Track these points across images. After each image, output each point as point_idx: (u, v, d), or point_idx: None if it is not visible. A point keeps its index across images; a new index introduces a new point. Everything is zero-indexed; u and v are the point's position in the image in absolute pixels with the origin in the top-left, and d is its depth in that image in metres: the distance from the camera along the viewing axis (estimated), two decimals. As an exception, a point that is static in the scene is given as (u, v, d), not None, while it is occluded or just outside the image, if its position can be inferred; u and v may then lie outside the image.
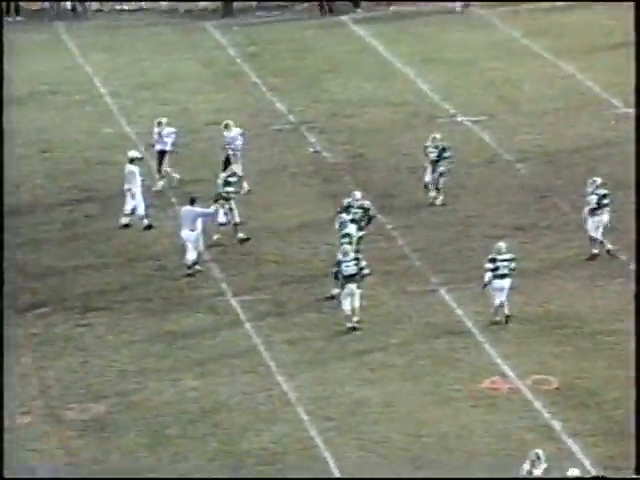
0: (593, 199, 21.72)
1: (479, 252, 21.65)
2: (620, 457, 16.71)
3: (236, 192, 23.08)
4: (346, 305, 20.00)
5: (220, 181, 23.00)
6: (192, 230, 21.81)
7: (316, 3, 36.08)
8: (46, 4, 35.78)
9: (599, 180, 21.91)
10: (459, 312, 20.76)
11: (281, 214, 23.99)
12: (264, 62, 32.45)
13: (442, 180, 24.10)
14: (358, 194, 22.22)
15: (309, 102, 29.82)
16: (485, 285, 20.10)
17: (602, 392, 18.24)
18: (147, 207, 23.50)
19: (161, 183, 24.74)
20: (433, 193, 24.10)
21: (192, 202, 22.07)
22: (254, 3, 36.62)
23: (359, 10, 36.07)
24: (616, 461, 16.69)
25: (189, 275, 21.78)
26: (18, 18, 35.00)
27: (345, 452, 17.23)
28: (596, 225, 21.69)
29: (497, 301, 20.20)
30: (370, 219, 22.13)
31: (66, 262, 22.47)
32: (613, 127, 27.48)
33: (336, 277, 20.10)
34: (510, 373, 18.99)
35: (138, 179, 23.40)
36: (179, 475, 16.78)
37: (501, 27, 34.69)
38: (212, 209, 22.12)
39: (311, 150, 27.25)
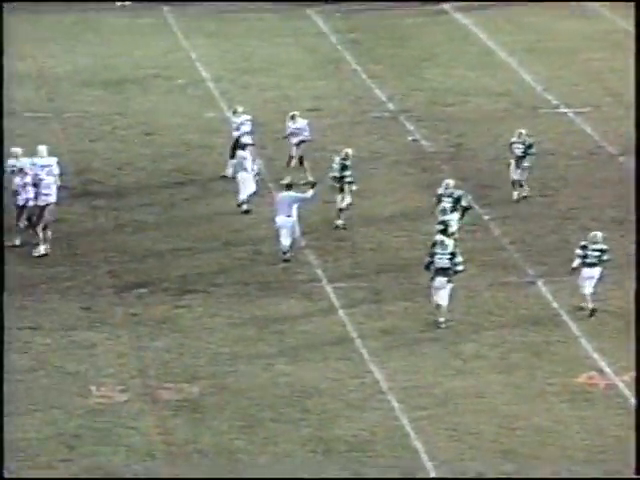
0: None
1: (578, 245, 21.31)
2: None
3: (352, 176, 22.87)
4: (435, 298, 19.77)
5: (336, 165, 22.89)
6: (288, 216, 21.84)
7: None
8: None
9: None
10: (556, 305, 20.48)
11: (378, 202, 23.91)
12: (365, 49, 32.36)
13: (525, 175, 23.66)
14: (451, 182, 22.00)
15: (409, 90, 29.67)
16: (573, 269, 19.88)
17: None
18: (253, 194, 23.46)
19: (230, 170, 24.56)
20: (516, 192, 23.73)
21: (288, 188, 22.09)
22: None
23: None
24: None
25: (285, 261, 21.82)
26: (127, 3, 35.39)
27: (436, 442, 17.12)
28: None
29: (585, 290, 19.93)
30: (464, 210, 21.87)
31: (165, 244, 22.68)
32: None
33: (427, 268, 19.92)
34: (607, 369, 18.68)
35: (249, 165, 23.33)
36: (271, 458, 16.84)
37: (609, 17, 34.10)
38: (309, 194, 22.10)
39: (410, 139, 27.09)
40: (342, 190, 22.86)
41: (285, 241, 21.86)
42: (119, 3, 34.91)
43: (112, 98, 29.21)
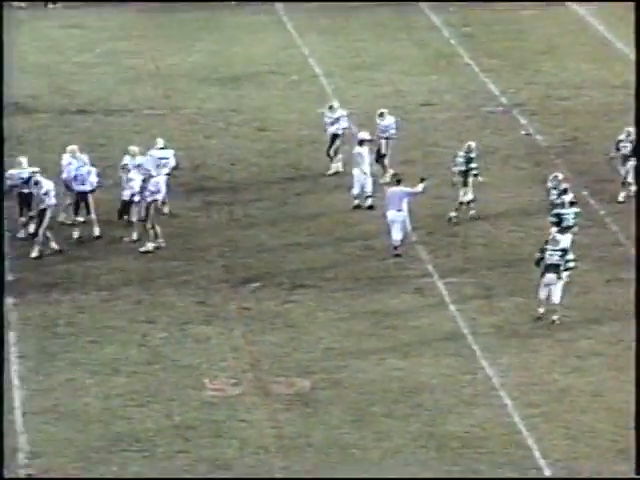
0: None
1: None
2: None
3: (478, 168, 22.65)
4: (541, 294, 19.52)
5: (460, 159, 22.70)
6: (399, 210, 21.75)
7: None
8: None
9: None
10: (673, 302, 20.01)
11: (491, 197, 23.65)
12: (478, 43, 32.05)
13: (631, 175, 23.14)
14: (560, 175, 21.63)
15: (522, 84, 29.30)
16: None
17: None
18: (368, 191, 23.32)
19: (334, 165, 24.55)
20: (623, 192, 23.15)
21: (398, 182, 22.00)
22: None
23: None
24: None
25: (396, 256, 21.74)
26: (243, 1, 35.65)
27: (551, 440, 16.88)
28: None
29: None
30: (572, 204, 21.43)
31: (277, 239, 22.79)
32: None
33: (537, 264, 19.64)
34: None
35: (367, 161, 23.29)
36: (383, 453, 16.78)
37: None
38: (420, 188, 21.94)
39: (523, 133, 26.76)
40: (466, 184, 22.63)
41: (396, 236, 21.77)
42: (234, 2, 35.17)
43: (227, 94, 29.45)
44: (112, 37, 32.40)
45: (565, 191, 21.60)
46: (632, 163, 23.30)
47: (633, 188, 23.42)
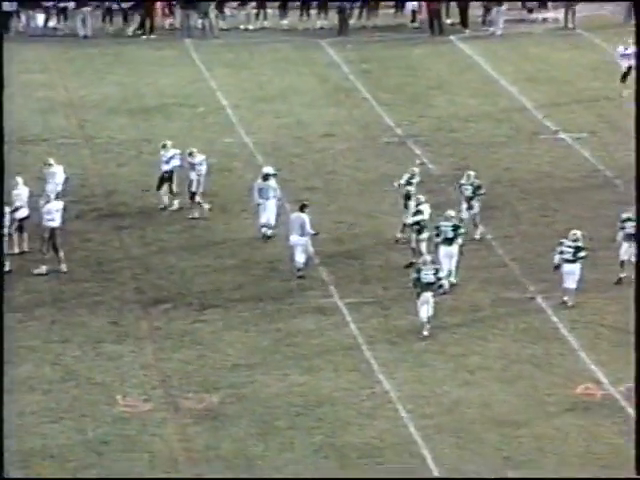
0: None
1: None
2: None
3: (415, 192, 22.71)
4: (422, 313, 19.76)
5: (403, 182, 22.80)
6: (301, 235, 21.81)
7: (427, 24, 35.88)
8: (177, 23, 36.23)
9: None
10: (555, 319, 20.39)
11: (386, 221, 23.85)
12: (375, 79, 32.36)
13: (478, 217, 22.78)
14: (472, 173, 22.40)
15: (416, 117, 29.65)
16: (556, 267, 20.30)
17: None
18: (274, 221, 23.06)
19: (166, 198, 24.33)
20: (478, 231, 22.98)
21: (302, 209, 22.05)
22: (369, 23, 36.53)
23: (467, 31, 35.74)
24: None
25: (300, 277, 21.78)
26: (152, 36, 35.51)
27: (443, 449, 17.03)
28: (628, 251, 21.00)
29: (565, 284, 20.25)
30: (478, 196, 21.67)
31: (187, 262, 22.67)
32: None
33: (414, 284, 19.89)
34: (604, 380, 18.57)
35: (271, 194, 23.05)
36: (286, 464, 16.77)
37: (604, 48, 34.06)
38: (312, 231, 21.77)
39: (417, 162, 27.08)
40: (406, 207, 22.57)
41: (299, 258, 21.82)
42: (145, 37, 34.98)
43: (138, 125, 29.27)
44: (27, 70, 32.02)
45: (479, 187, 22.22)
46: (476, 206, 22.85)
47: (480, 231, 22.95)
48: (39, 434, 17.26)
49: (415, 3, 36.21)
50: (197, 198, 24.13)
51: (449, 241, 21.03)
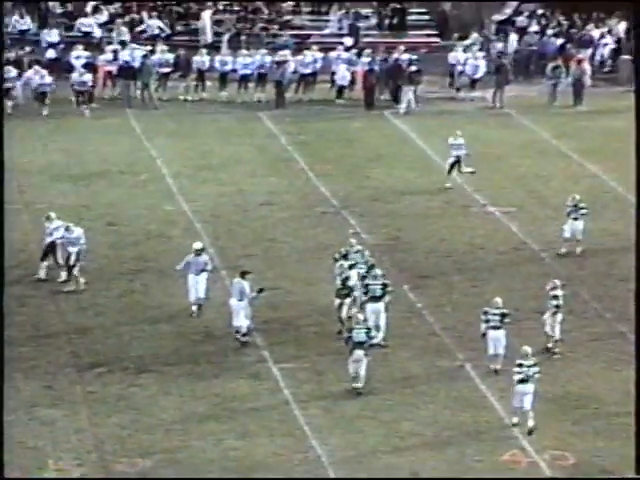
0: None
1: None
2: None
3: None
4: (351, 369, 19.86)
5: (338, 256, 22.59)
6: (240, 300, 21.68)
7: (361, 99, 36.23)
8: (116, 93, 36.24)
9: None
10: (483, 387, 20.40)
11: (322, 289, 23.79)
12: (312, 150, 32.55)
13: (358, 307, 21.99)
14: (353, 240, 22.72)
15: (353, 188, 29.81)
16: (482, 335, 20.53)
17: (616, 470, 17.74)
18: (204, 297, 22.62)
19: (43, 272, 23.81)
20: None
21: (243, 275, 21.94)
22: (305, 97, 36.82)
23: (401, 107, 36.14)
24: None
25: (243, 343, 21.54)
26: (93, 105, 35.42)
27: (372, 515, 16.84)
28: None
29: (491, 351, 20.43)
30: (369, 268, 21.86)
31: (124, 326, 22.39)
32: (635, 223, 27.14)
33: (347, 342, 20.02)
34: (529, 447, 18.56)
35: (202, 267, 22.55)
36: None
37: (533, 129, 34.66)
38: (254, 294, 21.65)
39: (351, 232, 27.16)
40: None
41: (240, 322, 21.65)
42: (86, 110, 34.72)
43: (79, 191, 29.07)
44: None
45: (373, 266, 22.16)
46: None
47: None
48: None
49: (343, 80, 36.47)
50: (75, 271, 23.58)
51: (377, 299, 21.31)
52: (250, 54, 36.85)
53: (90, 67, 35.72)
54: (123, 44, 37.31)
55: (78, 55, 36.18)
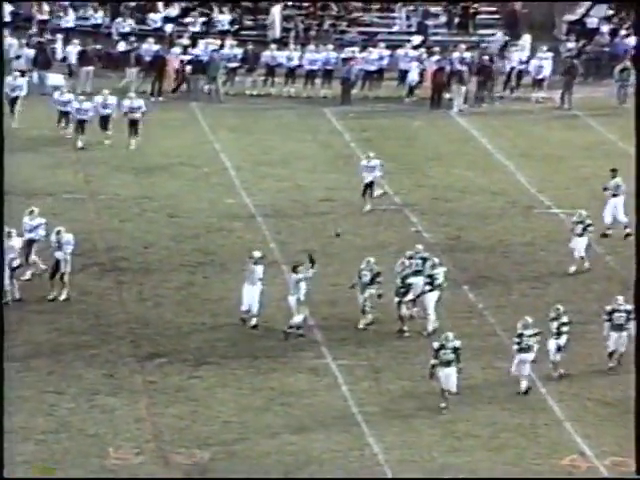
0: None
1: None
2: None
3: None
4: (444, 385, 19.36)
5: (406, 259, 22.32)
6: (293, 295, 21.68)
7: (428, 97, 36.08)
8: (184, 87, 36.48)
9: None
10: (543, 390, 20.23)
11: (381, 287, 23.71)
12: (375, 147, 32.45)
13: (369, 304, 21.87)
14: (420, 246, 22.63)
15: (414, 186, 29.71)
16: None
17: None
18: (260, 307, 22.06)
19: (30, 272, 22.94)
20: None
21: (295, 269, 21.95)
22: (370, 93, 36.76)
23: (465, 106, 35.93)
24: None
25: (288, 335, 21.60)
26: (160, 98, 35.68)
27: (428, 514, 16.79)
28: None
29: (551, 357, 20.22)
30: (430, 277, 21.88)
31: (183, 318, 22.54)
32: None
33: (435, 357, 19.42)
34: (589, 452, 18.38)
35: (257, 278, 21.97)
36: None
37: (598, 129, 34.29)
38: (310, 273, 21.61)
39: (413, 230, 27.07)
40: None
41: (296, 319, 21.69)
42: (153, 99, 35.15)
43: (141, 183, 29.30)
44: (38, 126, 32.12)
45: (425, 259, 22.18)
46: (372, 292, 21.96)
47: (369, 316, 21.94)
48: (29, 484, 17.00)
49: (414, 79, 36.40)
50: (65, 278, 22.27)
51: (439, 287, 21.63)
52: (317, 50, 36.88)
53: (159, 60, 35.97)
54: (193, 39, 37.55)
55: (148, 49, 36.48)
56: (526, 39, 38.02)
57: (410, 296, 21.93)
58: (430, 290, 21.86)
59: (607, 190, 26.73)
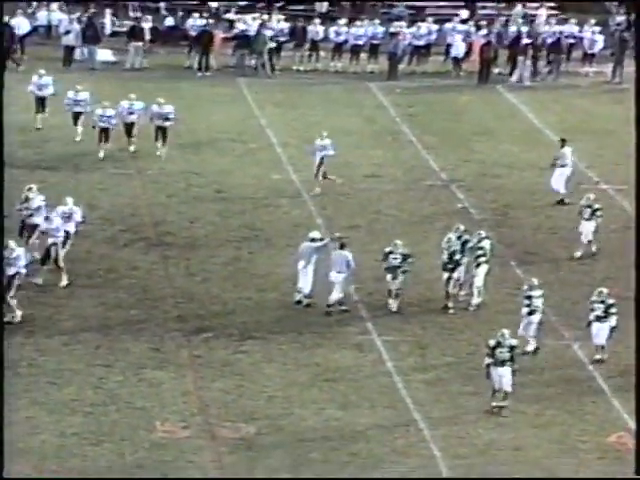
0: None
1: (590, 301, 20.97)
2: None
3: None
4: (497, 385, 18.84)
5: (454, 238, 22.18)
6: (339, 272, 21.69)
7: (476, 72, 35.80)
8: (232, 62, 36.47)
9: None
10: (590, 367, 20.09)
11: (428, 263, 23.66)
12: (421, 123, 32.32)
13: (396, 286, 21.59)
14: (462, 227, 22.30)
15: (460, 161, 29.54)
16: (588, 324, 20.19)
17: None
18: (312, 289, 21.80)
19: (36, 254, 22.07)
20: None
21: (342, 247, 21.96)
22: (418, 69, 36.53)
23: (514, 79, 35.62)
24: None
25: (328, 313, 21.56)
26: (207, 73, 35.73)
27: (472, 490, 16.79)
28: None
29: (595, 341, 20.13)
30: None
31: (230, 293, 22.63)
32: None
33: (488, 366, 18.78)
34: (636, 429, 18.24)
35: (313, 259, 21.62)
36: None
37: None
38: (353, 264, 21.60)
39: (459, 206, 26.93)
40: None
41: (334, 295, 21.69)
42: (199, 74, 35.22)
43: (188, 158, 29.39)
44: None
45: (466, 242, 22.05)
46: (401, 279, 21.73)
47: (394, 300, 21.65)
48: (79, 455, 17.22)
49: (459, 52, 36.10)
50: (61, 263, 21.74)
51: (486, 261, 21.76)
52: (362, 25, 36.71)
53: (207, 35, 35.98)
54: (238, 13, 37.52)
55: (193, 24, 36.47)
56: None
57: (456, 274, 21.80)
58: (478, 265, 21.74)
59: (557, 159, 26.35)
